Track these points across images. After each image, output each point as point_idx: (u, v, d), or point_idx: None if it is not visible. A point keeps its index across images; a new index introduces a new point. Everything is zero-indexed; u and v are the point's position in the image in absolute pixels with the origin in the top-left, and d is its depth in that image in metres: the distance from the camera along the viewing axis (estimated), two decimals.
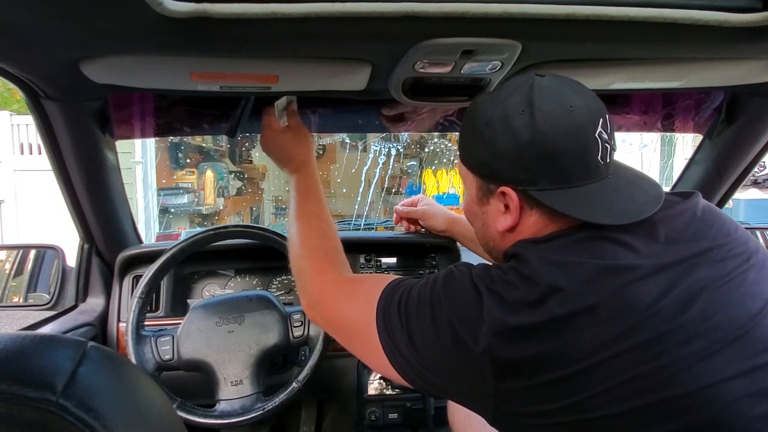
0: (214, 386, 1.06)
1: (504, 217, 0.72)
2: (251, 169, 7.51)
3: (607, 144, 0.67)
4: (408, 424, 1.38)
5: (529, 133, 0.65)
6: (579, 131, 0.65)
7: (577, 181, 0.66)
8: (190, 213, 6.28)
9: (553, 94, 0.66)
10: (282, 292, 1.41)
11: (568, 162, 0.65)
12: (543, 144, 0.65)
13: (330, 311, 0.84)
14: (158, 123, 1.16)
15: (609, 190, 0.67)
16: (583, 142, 0.65)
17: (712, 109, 1.19)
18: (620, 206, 0.66)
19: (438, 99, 0.97)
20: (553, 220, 0.69)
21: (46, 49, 0.70)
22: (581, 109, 0.65)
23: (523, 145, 0.66)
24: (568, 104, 0.65)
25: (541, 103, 0.65)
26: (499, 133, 0.68)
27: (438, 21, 0.64)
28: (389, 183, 6.80)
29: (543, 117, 0.65)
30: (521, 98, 0.67)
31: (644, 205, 0.67)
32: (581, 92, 0.68)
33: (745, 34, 0.68)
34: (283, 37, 0.68)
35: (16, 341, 0.37)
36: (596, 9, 0.64)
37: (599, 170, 0.67)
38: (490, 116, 0.69)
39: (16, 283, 1.39)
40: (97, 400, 0.35)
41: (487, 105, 0.71)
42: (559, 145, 0.64)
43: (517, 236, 0.72)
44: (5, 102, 8.37)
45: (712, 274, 0.62)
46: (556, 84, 0.67)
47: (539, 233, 0.70)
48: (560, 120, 0.65)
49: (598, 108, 0.67)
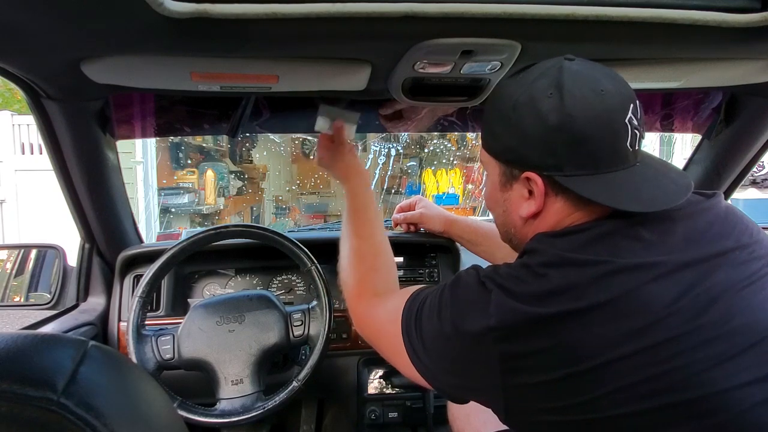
0: (214, 385, 1.06)
1: (527, 203, 0.70)
2: (252, 169, 7.51)
3: (637, 131, 0.65)
4: (408, 422, 1.38)
5: (557, 117, 0.63)
6: (609, 116, 0.63)
7: (605, 168, 0.64)
8: (190, 213, 6.28)
9: (583, 77, 0.64)
10: (282, 291, 1.41)
11: (597, 147, 0.63)
12: (572, 128, 0.62)
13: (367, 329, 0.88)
14: (159, 123, 1.16)
15: (637, 177, 0.65)
16: (613, 128, 0.63)
17: (711, 109, 1.19)
18: (648, 194, 0.64)
19: (438, 99, 0.97)
20: (577, 209, 0.67)
21: (47, 50, 0.70)
22: (612, 93, 0.63)
23: (551, 129, 0.63)
24: (598, 88, 0.63)
25: (571, 86, 0.63)
26: (526, 117, 0.66)
27: (438, 21, 0.64)
28: (389, 183, 6.79)
29: (573, 100, 0.62)
30: (549, 81, 0.65)
31: (673, 194, 0.65)
32: (611, 77, 0.66)
33: (744, 35, 0.69)
34: (283, 37, 0.68)
35: (17, 340, 0.37)
36: (596, 9, 0.64)
37: (627, 157, 0.65)
38: (517, 99, 0.67)
39: (18, 283, 1.39)
40: (98, 399, 0.35)
41: (513, 88, 0.68)
42: (589, 130, 0.62)
43: (540, 224, 0.70)
44: (6, 102, 8.38)
45: (733, 276, 0.60)
46: (586, 68, 0.65)
47: (561, 222, 0.68)
48: (590, 104, 0.62)
49: (628, 93, 0.65)
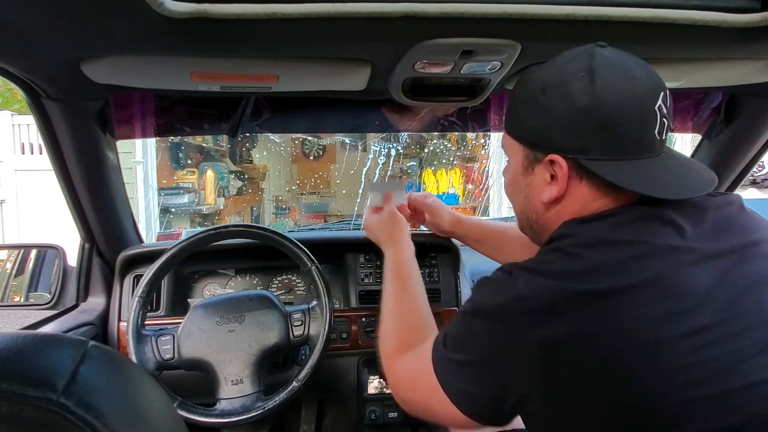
0: (214, 385, 1.06)
1: (550, 187, 0.69)
2: (252, 169, 7.51)
3: (665, 119, 0.64)
4: (408, 422, 1.38)
5: (588, 99, 0.62)
6: (639, 101, 0.62)
7: (631, 154, 0.64)
8: (190, 213, 6.28)
9: (614, 62, 0.64)
10: (282, 291, 1.41)
11: (625, 132, 0.63)
12: (602, 111, 0.62)
13: (403, 386, 0.82)
14: (159, 123, 1.16)
15: (663, 166, 0.65)
16: (642, 114, 0.63)
17: (710, 109, 1.19)
18: (674, 182, 0.64)
19: (438, 99, 0.97)
20: (602, 195, 0.66)
21: (47, 49, 0.70)
22: (643, 80, 0.63)
23: (580, 111, 0.63)
24: (630, 74, 0.63)
25: (603, 70, 0.63)
26: (555, 98, 0.65)
27: (438, 21, 0.64)
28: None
29: (604, 84, 0.62)
30: (581, 64, 0.64)
31: (698, 185, 0.64)
32: (642, 65, 0.65)
33: (743, 35, 0.69)
34: (283, 37, 0.68)
35: (17, 340, 0.37)
36: (596, 9, 0.64)
37: (654, 145, 0.64)
38: (547, 81, 0.66)
39: (18, 283, 1.39)
40: (98, 399, 0.35)
41: (543, 71, 0.68)
42: (618, 114, 0.62)
43: (562, 210, 0.70)
44: (6, 102, 8.38)
45: (763, 267, 0.61)
46: (618, 55, 0.65)
47: (585, 209, 0.67)
48: (622, 88, 0.62)
49: (659, 82, 0.65)
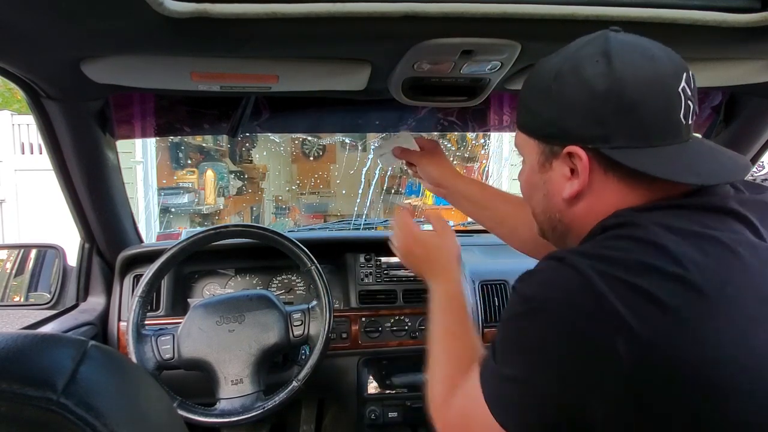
0: (214, 385, 1.06)
1: (570, 182, 0.64)
2: (251, 168, 7.51)
3: (690, 101, 0.59)
4: (408, 422, 1.38)
5: (605, 82, 0.58)
6: (662, 82, 0.58)
7: (657, 140, 0.59)
8: (190, 212, 6.27)
9: (631, 44, 0.60)
10: (282, 291, 1.41)
11: (649, 115, 0.58)
12: (622, 93, 0.58)
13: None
14: (159, 123, 1.16)
15: (692, 152, 0.60)
16: (666, 95, 0.58)
17: (710, 108, 1.19)
18: (707, 168, 0.59)
19: (438, 99, 0.97)
20: (635, 187, 0.61)
21: (47, 49, 0.70)
22: (663, 59, 0.59)
23: (598, 96, 0.58)
24: (649, 54, 0.59)
25: (620, 51, 0.59)
26: (569, 85, 0.61)
27: (438, 21, 0.64)
28: (389, 183, 6.79)
29: (622, 65, 0.58)
30: (595, 49, 0.60)
31: (733, 170, 0.60)
32: (661, 46, 0.61)
33: (743, 35, 0.69)
34: (283, 37, 0.68)
35: (17, 340, 0.37)
36: (596, 9, 0.64)
37: (680, 130, 0.60)
38: (560, 69, 0.62)
39: (17, 283, 1.39)
40: (98, 398, 0.35)
41: (554, 60, 0.64)
42: (640, 96, 0.57)
43: (593, 206, 0.63)
44: (6, 102, 8.38)
45: None
46: (633, 37, 0.61)
47: (619, 204, 0.61)
48: (642, 68, 0.58)
49: (681, 62, 0.60)
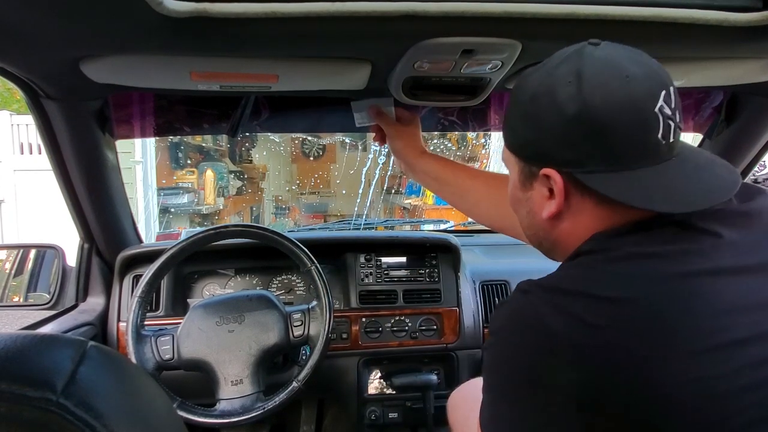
0: (214, 386, 1.06)
1: (549, 203, 0.64)
2: (251, 168, 7.51)
3: (671, 120, 0.58)
4: (408, 423, 1.38)
5: (576, 106, 0.57)
6: (635, 104, 0.56)
7: (632, 163, 0.58)
8: (190, 212, 6.27)
9: (605, 62, 0.58)
10: (282, 291, 1.41)
11: (622, 139, 0.57)
12: (591, 118, 0.57)
13: None
14: (158, 122, 1.16)
15: (671, 173, 0.59)
16: (640, 117, 0.56)
17: (711, 108, 1.19)
18: (684, 192, 0.58)
19: (438, 98, 0.97)
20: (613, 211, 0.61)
21: (47, 49, 0.70)
22: (639, 79, 0.57)
23: (569, 120, 0.58)
24: (623, 74, 0.57)
25: (591, 72, 0.57)
26: (543, 108, 0.60)
27: (438, 20, 0.64)
28: (389, 183, 6.79)
29: (591, 88, 0.57)
30: (569, 68, 0.59)
31: (715, 192, 0.58)
32: (641, 62, 0.59)
33: (744, 34, 0.69)
34: (283, 36, 0.68)
35: (17, 341, 0.37)
36: (596, 9, 0.64)
37: (659, 150, 0.58)
38: (535, 90, 0.62)
39: (17, 283, 1.39)
40: (98, 399, 0.35)
41: (533, 77, 0.63)
42: (610, 120, 0.56)
43: (572, 229, 0.64)
44: (5, 102, 8.37)
45: None
46: (610, 52, 0.59)
47: (598, 227, 0.62)
48: (612, 91, 0.57)
49: (660, 79, 0.58)
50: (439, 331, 1.34)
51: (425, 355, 1.37)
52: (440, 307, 1.35)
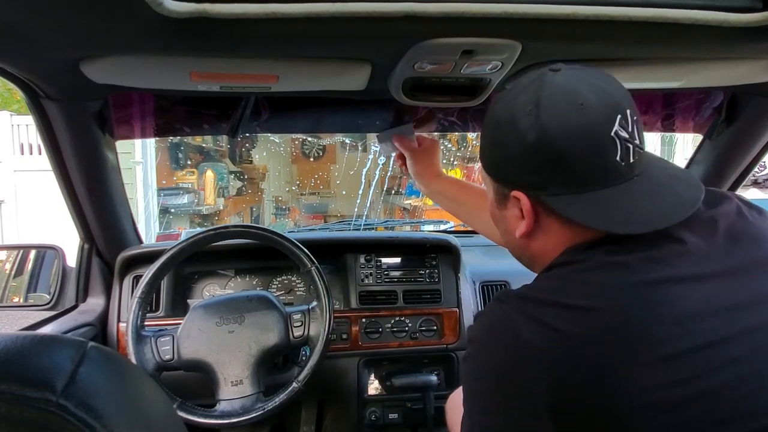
0: (214, 386, 1.06)
1: (521, 222, 0.67)
2: (251, 169, 7.52)
3: (629, 143, 0.60)
4: (408, 423, 1.38)
5: (534, 134, 0.60)
6: (590, 131, 0.59)
7: (592, 186, 0.61)
8: (190, 213, 6.27)
9: (562, 90, 0.61)
10: (282, 292, 1.41)
11: (580, 165, 0.60)
12: (550, 146, 0.60)
13: None
14: (158, 123, 1.16)
15: (632, 194, 0.61)
16: (596, 143, 0.59)
17: (712, 109, 1.19)
18: (642, 212, 0.61)
19: (438, 99, 0.97)
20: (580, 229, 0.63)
21: (47, 49, 0.70)
22: (593, 106, 0.59)
23: (529, 148, 0.61)
24: (578, 101, 0.60)
25: (548, 101, 0.60)
26: (506, 135, 0.64)
27: (438, 21, 0.64)
28: (389, 183, 6.79)
29: (548, 117, 0.60)
30: (529, 96, 0.62)
31: (673, 210, 0.61)
32: (597, 87, 0.61)
33: (744, 34, 0.69)
34: (283, 37, 0.68)
35: (17, 341, 0.37)
36: (596, 9, 0.64)
37: (619, 172, 0.61)
38: (499, 117, 0.65)
39: (17, 283, 1.39)
40: (98, 400, 0.35)
41: (498, 104, 0.67)
42: (567, 147, 0.59)
43: (545, 246, 0.68)
44: (5, 102, 8.37)
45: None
46: (568, 79, 0.62)
47: (568, 243, 0.65)
48: (567, 119, 0.59)
49: (616, 103, 0.60)
50: (439, 331, 1.34)
51: (425, 355, 1.37)
52: (440, 308, 1.35)
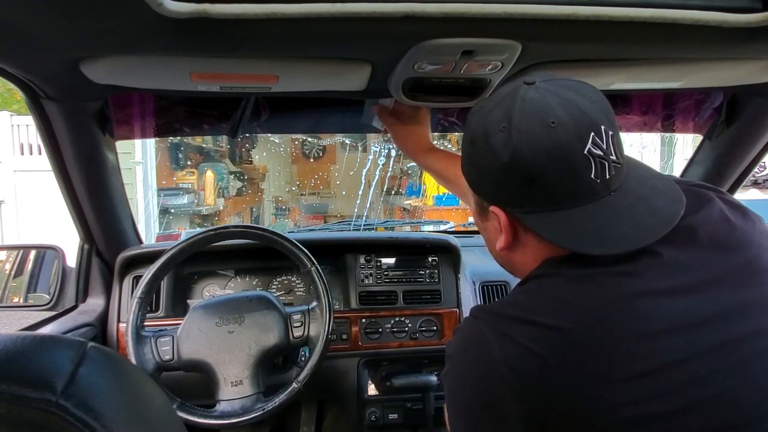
0: (214, 386, 1.06)
1: (500, 236, 0.68)
2: (251, 169, 7.51)
3: (603, 160, 0.58)
4: (408, 424, 1.38)
5: (507, 153, 0.59)
6: (562, 150, 0.57)
7: (567, 204, 0.59)
8: (190, 213, 6.27)
9: (533, 108, 0.59)
10: (282, 292, 1.41)
11: (553, 184, 0.59)
12: (522, 166, 0.58)
13: None
14: (158, 123, 1.16)
15: (606, 211, 0.60)
16: (568, 162, 0.57)
17: (712, 109, 1.19)
18: (615, 232, 0.59)
19: (438, 99, 0.97)
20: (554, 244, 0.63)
21: (47, 50, 0.70)
22: (565, 124, 0.57)
23: (503, 167, 0.60)
24: (549, 120, 0.57)
25: (519, 119, 0.59)
26: (482, 152, 0.63)
27: (438, 21, 0.64)
28: (389, 183, 6.79)
29: (520, 136, 0.58)
30: (503, 113, 0.60)
31: (648, 229, 0.59)
32: (571, 102, 0.58)
33: (744, 35, 0.69)
34: (283, 37, 0.68)
35: (16, 341, 0.37)
36: (596, 9, 0.64)
37: (594, 189, 0.59)
38: (474, 132, 0.64)
39: (17, 284, 1.39)
40: (98, 400, 0.35)
41: (473, 119, 0.66)
42: (539, 167, 0.58)
43: (524, 258, 0.68)
44: (5, 102, 8.37)
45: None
46: (542, 94, 0.59)
47: (546, 255, 0.65)
48: (539, 139, 0.57)
49: (590, 120, 0.58)
50: (439, 332, 1.34)
51: (425, 356, 1.37)
52: (440, 308, 1.35)
